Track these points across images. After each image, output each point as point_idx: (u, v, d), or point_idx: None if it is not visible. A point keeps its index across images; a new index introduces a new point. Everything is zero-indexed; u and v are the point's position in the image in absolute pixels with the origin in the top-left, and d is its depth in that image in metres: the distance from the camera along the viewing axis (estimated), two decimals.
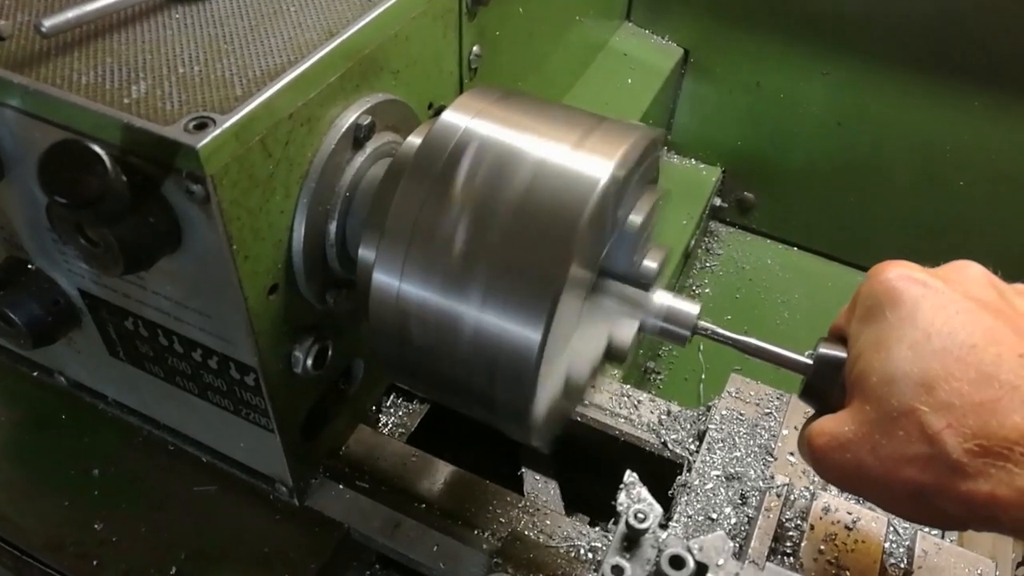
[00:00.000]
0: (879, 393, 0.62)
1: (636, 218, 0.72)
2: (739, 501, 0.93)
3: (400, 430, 1.15)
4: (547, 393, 0.70)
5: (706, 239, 1.86)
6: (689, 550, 0.68)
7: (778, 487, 0.88)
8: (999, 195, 1.53)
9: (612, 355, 0.78)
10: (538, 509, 0.98)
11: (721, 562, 0.68)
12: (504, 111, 0.71)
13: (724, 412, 1.04)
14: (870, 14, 1.46)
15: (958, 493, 0.57)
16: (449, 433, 1.20)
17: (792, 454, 0.98)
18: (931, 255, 1.65)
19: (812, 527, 0.84)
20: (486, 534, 0.94)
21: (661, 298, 0.75)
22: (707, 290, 1.81)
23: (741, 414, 1.04)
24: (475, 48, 0.97)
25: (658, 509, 0.76)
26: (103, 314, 0.87)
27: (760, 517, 0.85)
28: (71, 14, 0.69)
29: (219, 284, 0.72)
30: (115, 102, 0.66)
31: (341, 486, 0.98)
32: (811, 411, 1.00)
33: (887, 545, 0.85)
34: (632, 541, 0.71)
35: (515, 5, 1.06)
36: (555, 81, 1.34)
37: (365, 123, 0.77)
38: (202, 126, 0.63)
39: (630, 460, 1.07)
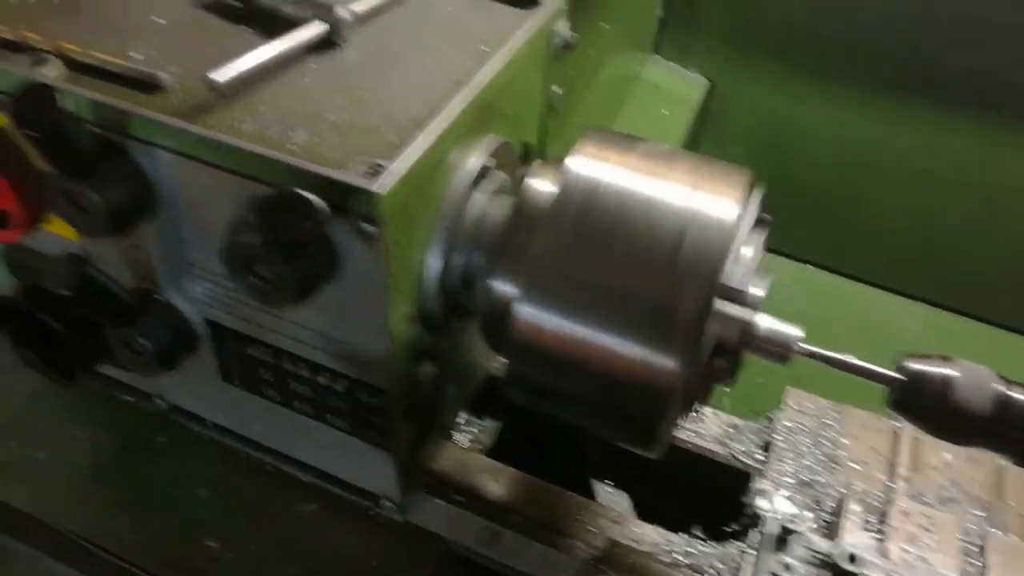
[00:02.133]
0: None
1: (748, 251, 0.79)
2: (814, 506, 1.00)
3: (478, 447, 1.21)
4: (675, 411, 0.77)
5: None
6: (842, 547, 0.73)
7: (858, 492, 0.95)
8: (998, 213, 1.65)
9: (719, 377, 0.86)
10: (624, 518, 1.04)
11: (876, 562, 0.74)
12: (626, 158, 0.79)
13: (787, 424, 1.11)
14: (877, 46, 1.57)
15: None
16: (518, 449, 1.26)
17: (855, 462, 1.06)
18: (930, 269, 1.74)
19: (895, 529, 0.92)
20: (581, 543, 1.00)
21: (765, 321, 0.82)
22: None
23: (803, 425, 1.11)
24: (556, 88, 1.05)
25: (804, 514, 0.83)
26: (228, 342, 0.92)
27: (845, 521, 0.93)
28: (237, 68, 0.75)
29: (368, 313, 0.78)
30: (283, 148, 0.72)
31: (439, 500, 1.03)
32: (866, 421, 1.09)
33: (962, 543, 0.93)
34: (783, 543, 0.78)
35: (584, 46, 1.14)
36: (603, 112, 1.42)
37: (491, 165, 0.84)
38: (375, 172, 0.69)
39: (700, 471, 1.15)
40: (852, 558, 0.69)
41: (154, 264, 0.88)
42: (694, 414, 1.18)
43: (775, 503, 0.89)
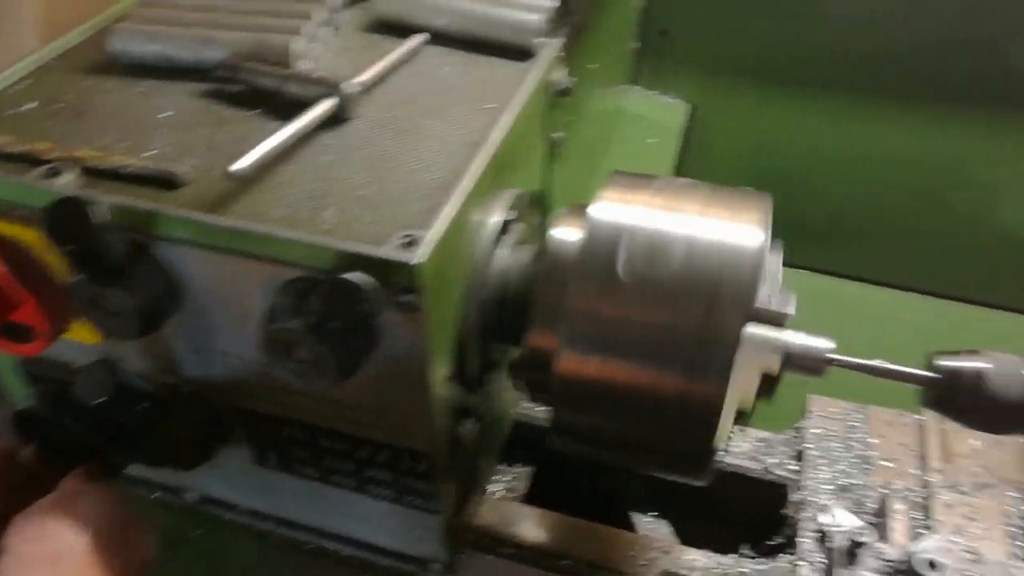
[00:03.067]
0: None
1: (773, 270, 0.82)
2: (856, 509, 1.02)
3: (512, 494, 1.21)
4: (720, 436, 0.78)
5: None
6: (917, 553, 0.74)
7: (899, 491, 0.97)
8: (993, 204, 1.71)
9: (762, 387, 0.87)
10: (672, 547, 1.05)
11: (948, 562, 0.76)
12: (646, 196, 0.81)
13: (816, 431, 1.13)
14: (858, 54, 1.62)
15: None
16: (554, 491, 1.26)
17: (887, 460, 1.08)
18: (938, 263, 1.80)
19: (941, 522, 0.94)
20: None
21: (798, 338, 0.84)
22: None
23: (831, 431, 1.13)
24: (558, 134, 1.07)
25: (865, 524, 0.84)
26: (259, 426, 0.91)
27: (892, 520, 0.94)
28: (255, 155, 0.75)
29: (409, 381, 0.78)
30: (315, 230, 0.72)
31: (488, 557, 1.03)
32: (891, 419, 1.12)
33: (1008, 528, 0.95)
34: (853, 557, 0.79)
35: (576, 89, 1.16)
36: (599, 151, 1.45)
37: (512, 219, 0.86)
38: (411, 243, 0.70)
39: (736, 489, 1.16)
40: (932, 564, 0.71)
41: (179, 357, 0.87)
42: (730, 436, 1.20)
43: (837, 517, 0.91)
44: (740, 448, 1.17)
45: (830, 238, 1.86)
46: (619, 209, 0.79)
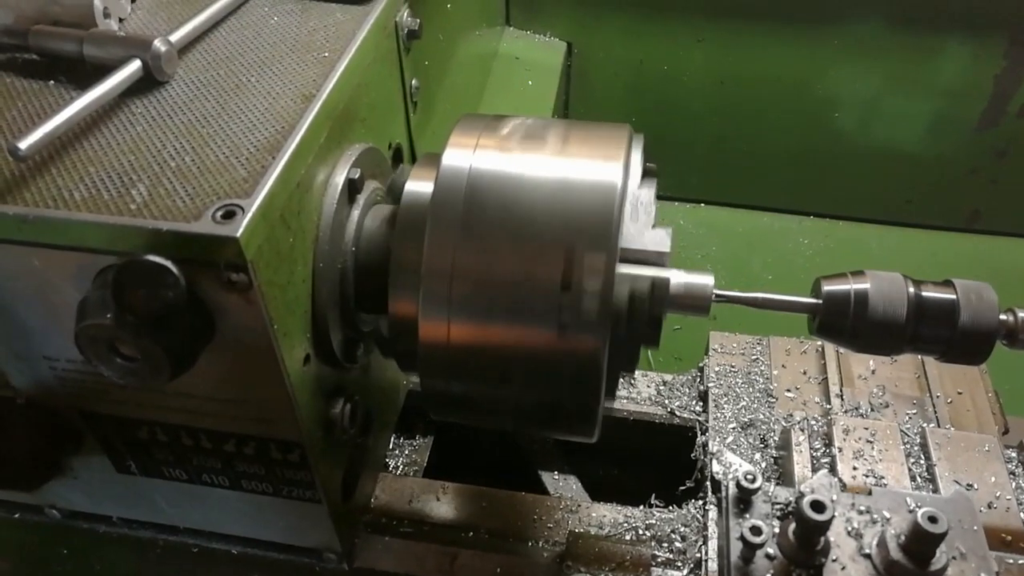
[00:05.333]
0: None
1: (642, 207, 0.76)
2: (761, 445, 1.00)
3: (414, 468, 1.15)
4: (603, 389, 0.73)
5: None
6: (804, 494, 0.72)
7: (799, 422, 0.95)
8: (867, 121, 1.70)
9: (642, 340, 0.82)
10: (579, 505, 1.01)
11: (835, 497, 0.73)
12: (500, 141, 0.74)
13: (717, 369, 1.11)
14: None
15: None
16: (457, 459, 1.21)
17: (789, 391, 1.06)
18: (825, 184, 1.81)
19: (840, 449, 0.92)
20: (541, 543, 0.97)
21: (677, 276, 0.79)
22: None
23: (732, 366, 1.11)
24: (414, 81, 0.99)
25: (754, 468, 0.81)
26: (110, 431, 0.83)
27: (794, 453, 0.92)
28: (43, 130, 0.65)
29: (259, 367, 0.70)
30: (123, 210, 0.63)
31: (386, 538, 0.97)
32: (791, 347, 1.10)
33: (904, 447, 0.94)
34: (745, 503, 0.76)
35: (435, 32, 1.08)
36: (469, 94, 1.37)
37: (356, 177, 0.78)
38: (230, 214, 0.62)
39: (644, 436, 1.13)
40: (816, 505, 0.68)
41: (5, 367, 0.77)
42: (625, 381, 1.16)
43: (726, 460, 0.88)
44: (644, 393, 1.14)
45: (715, 167, 1.85)
46: (468, 155, 0.72)
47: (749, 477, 0.76)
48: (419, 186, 0.78)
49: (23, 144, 0.64)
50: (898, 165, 1.74)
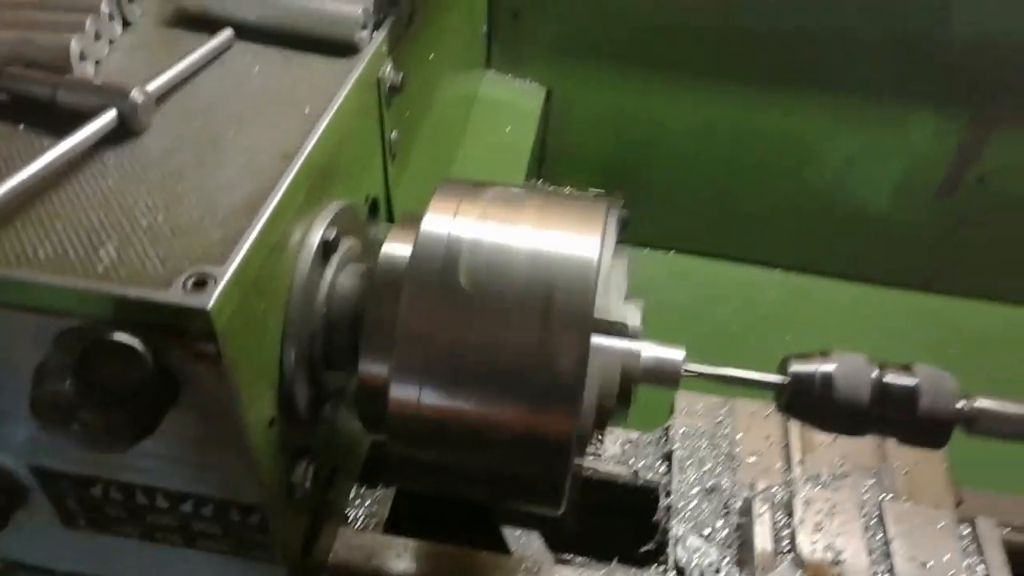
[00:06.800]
0: None
1: (616, 278, 0.77)
2: (724, 511, 1.00)
3: (374, 520, 1.13)
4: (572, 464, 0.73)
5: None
6: None
7: (761, 491, 0.96)
8: (839, 180, 1.74)
9: (611, 415, 0.82)
10: (540, 567, 1.00)
11: None
12: (478, 208, 0.74)
13: (683, 430, 1.11)
14: (719, 30, 1.61)
15: None
16: (419, 510, 1.19)
17: (753, 455, 1.07)
18: (795, 238, 1.84)
19: (802, 521, 0.93)
20: None
21: (648, 350, 0.80)
22: None
23: (698, 427, 1.11)
24: (393, 134, 0.98)
25: (717, 553, 0.81)
26: (61, 487, 0.80)
27: (755, 524, 0.93)
28: (8, 184, 0.63)
29: (222, 432, 0.69)
30: (89, 272, 0.62)
31: None
32: (755, 411, 1.11)
33: (863, 519, 0.96)
34: None
35: (416, 83, 1.08)
36: (448, 142, 1.37)
37: (331, 237, 0.77)
38: (201, 283, 0.60)
39: (608, 495, 1.12)
40: None
41: None
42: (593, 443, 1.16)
43: (691, 545, 0.88)
44: (608, 451, 1.14)
45: (688, 216, 1.87)
46: (448, 222, 0.72)
47: (713, 569, 0.76)
48: (396, 248, 0.77)
49: None
50: (866, 224, 1.78)
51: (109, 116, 0.72)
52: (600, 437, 1.07)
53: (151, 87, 0.76)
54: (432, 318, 0.69)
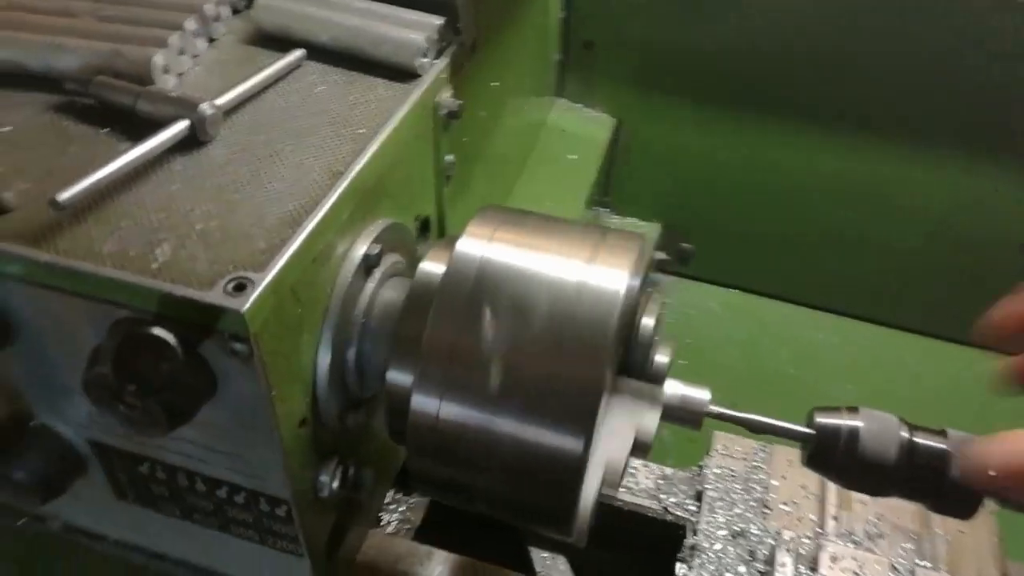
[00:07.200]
0: None
1: (649, 321, 0.78)
2: (748, 558, 0.99)
3: (406, 526, 1.16)
4: (586, 496, 0.74)
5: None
6: None
7: (787, 542, 0.94)
8: (927, 233, 1.69)
9: (636, 448, 0.83)
10: None
11: None
12: (516, 234, 0.76)
13: (717, 470, 1.10)
14: (787, 71, 1.59)
15: None
16: (452, 520, 1.22)
17: (786, 504, 1.05)
18: (862, 289, 1.79)
19: None
20: None
21: (673, 388, 0.80)
22: None
23: (732, 470, 1.10)
24: (449, 157, 1.02)
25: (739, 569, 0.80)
26: (114, 461, 0.86)
27: (776, 574, 0.91)
28: (84, 184, 0.70)
29: (253, 428, 0.73)
30: (144, 269, 0.67)
31: None
32: (793, 459, 1.08)
33: None
34: None
35: (478, 109, 1.11)
36: (510, 167, 1.40)
37: (375, 252, 0.81)
38: (241, 287, 0.65)
39: (635, 526, 1.12)
40: None
41: (24, 390, 0.82)
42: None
43: None
44: (641, 484, 1.14)
45: (750, 255, 1.85)
46: (483, 246, 0.75)
47: None
48: (432, 267, 0.80)
49: (62, 197, 0.68)
50: (936, 277, 1.71)
51: (180, 126, 0.78)
52: (644, 463, 1.07)
53: (220, 101, 0.82)
54: (457, 336, 0.71)
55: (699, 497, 1.09)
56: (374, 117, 0.86)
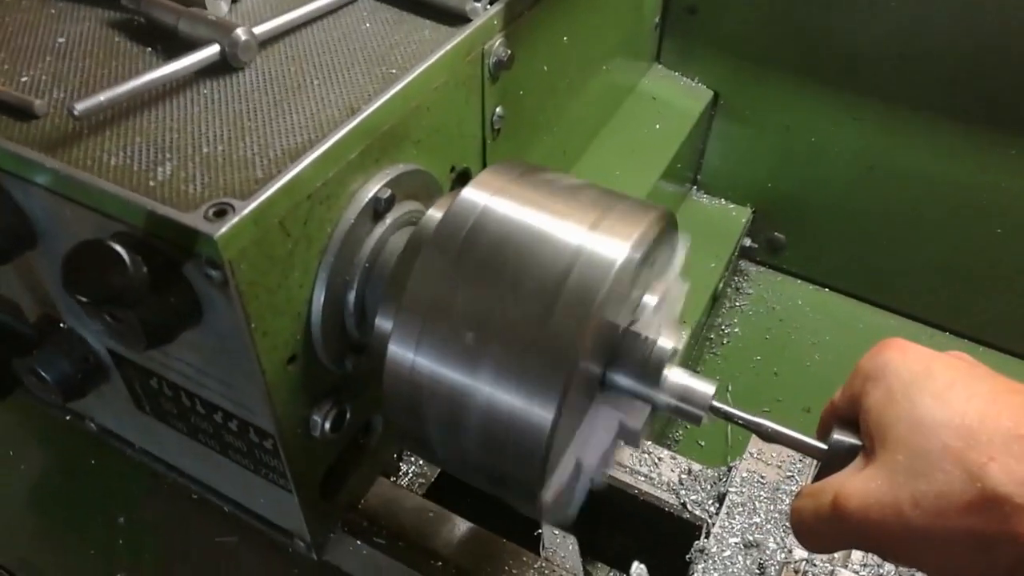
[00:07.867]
0: (909, 438, 0.58)
1: (651, 299, 0.72)
2: (757, 571, 0.91)
3: (420, 480, 1.16)
4: (558, 475, 0.70)
5: (736, 278, 1.84)
6: None
7: (796, 562, 0.86)
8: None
9: (624, 439, 0.78)
10: (553, 570, 0.97)
11: None
12: (524, 189, 0.72)
13: (745, 474, 1.02)
14: (902, 57, 1.44)
15: (1015, 533, 0.52)
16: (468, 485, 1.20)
17: None
18: (963, 301, 1.61)
19: None
20: None
21: (676, 377, 0.74)
22: (736, 329, 1.79)
23: (762, 477, 1.02)
24: (498, 109, 0.98)
25: None
26: (130, 372, 0.90)
27: None
28: (103, 97, 0.71)
29: (238, 358, 0.73)
30: (141, 185, 0.68)
31: (359, 541, 0.99)
32: None
33: None
34: None
35: (538, 63, 1.06)
36: (579, 129, 1.34)
37: (385, 196, 0.78)
38: (221, 213, 0.64)
39: (649, 518, 1.07)
40: None
41: (51, 293, 0.86)
42: (651, 458, 1.10)
43: None
44: (665, 476, 1.08)
45: (848, 255, 1.70)
46: (487, 196, 0.71)
47: None
48: (437, 213, 0.77)
49: (79, 106, 0.69)
50: None
51: (212, 50, 0.79)
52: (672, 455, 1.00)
53: (259, 29, 0.81)
54: (439, 286, 0.68)
55: (721, 499, 1.02)
56: (410, 59, 0.83)
